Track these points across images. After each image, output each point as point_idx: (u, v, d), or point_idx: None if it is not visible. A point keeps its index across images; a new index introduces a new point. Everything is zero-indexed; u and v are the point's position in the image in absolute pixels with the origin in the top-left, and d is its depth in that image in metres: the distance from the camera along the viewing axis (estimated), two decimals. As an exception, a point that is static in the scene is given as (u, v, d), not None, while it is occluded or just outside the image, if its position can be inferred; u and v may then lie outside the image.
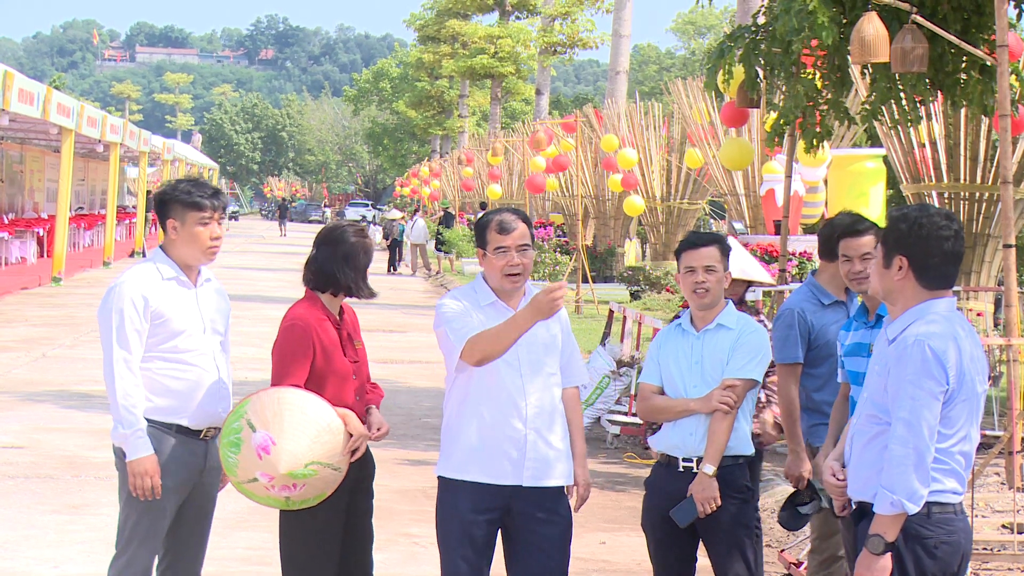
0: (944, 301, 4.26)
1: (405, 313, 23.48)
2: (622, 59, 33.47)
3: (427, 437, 11.50)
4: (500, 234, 4.99)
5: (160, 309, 5.11)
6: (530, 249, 5.04)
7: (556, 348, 5.11)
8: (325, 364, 5.13)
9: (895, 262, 4.25)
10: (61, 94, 27.07)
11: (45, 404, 12.31)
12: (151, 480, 5.01)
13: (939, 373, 4.12)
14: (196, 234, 5.18)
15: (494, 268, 5.01)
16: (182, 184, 5.24)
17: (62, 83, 56.11)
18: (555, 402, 5.09)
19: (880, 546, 4.16)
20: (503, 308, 5.05)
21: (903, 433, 4.13)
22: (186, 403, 5.14)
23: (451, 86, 66.58)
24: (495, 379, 4.99)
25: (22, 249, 31.55)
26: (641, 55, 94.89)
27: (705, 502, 5.14)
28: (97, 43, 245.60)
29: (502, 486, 4.99)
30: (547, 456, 5.03)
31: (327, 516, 5.16)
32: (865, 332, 5.48)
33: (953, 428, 4.19)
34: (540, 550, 5.02)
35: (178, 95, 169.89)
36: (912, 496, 4.11)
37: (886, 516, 4.15)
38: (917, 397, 4.12)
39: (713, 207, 37.78)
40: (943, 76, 8.75)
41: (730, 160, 12.19)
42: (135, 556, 5.12)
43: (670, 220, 28.21)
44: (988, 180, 13.50)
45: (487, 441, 4.99)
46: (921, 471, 4.11)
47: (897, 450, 4.14)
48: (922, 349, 4.12)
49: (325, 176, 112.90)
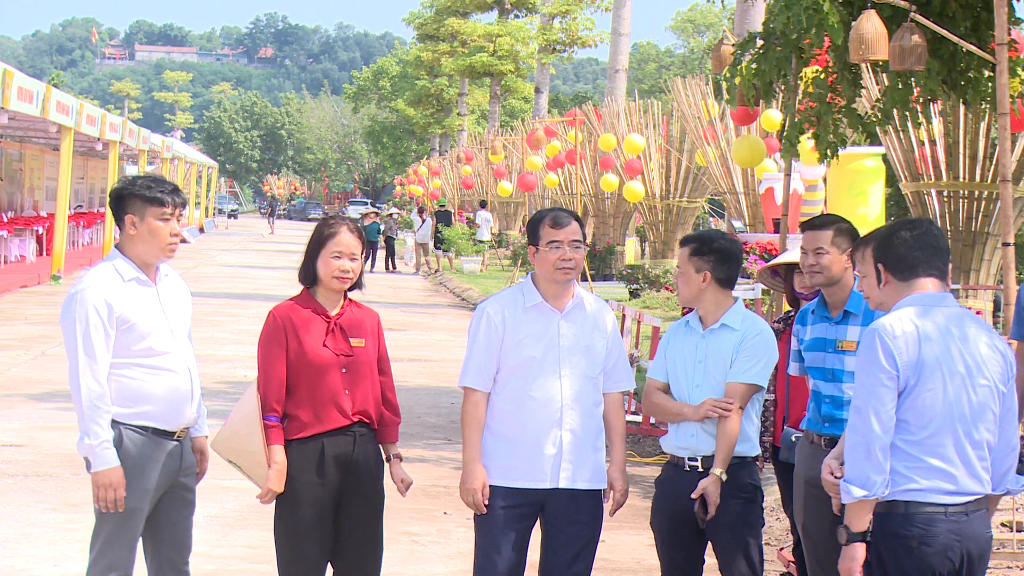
0: (921, 295, 4.27)
1: (405, 312, 23.48)
2: (621, 57, 33.46)
3: (427, 436, 11.51)
4: (553, 228, 5.12)
5: (125, 314, 5.02)
6: (582, 247, 5.14)
7: (596, 350, 5.18)
8: (300, 353, 5.18)
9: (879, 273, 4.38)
10: (60, 92, 27.06)
11: (45, 402, 12.30)
12: (115, 492, 4.97)
13: (888, 362, 4.14)
14: (156, 230, 5.08)
15: (547, 262, 5.10)
16: (140, 180, 5.16)
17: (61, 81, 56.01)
18: (593, 405, 5.17)
19: (845, 536, 4.20)
20: (548, 310, 5.14)
21: (854, 420, 4.19)
22: (158, 405, 5.08)
23: (450, 84, 66.60)
24: (534, 381, 5.08)
25: (21, 247, 31.55)
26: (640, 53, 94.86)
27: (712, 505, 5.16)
28: (96, 41, 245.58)
29: (535, 489, 5.09)
30: (582, 459, 5.12)
31: (310, 513, 5.19)
32: (828, 327, 5.52)
33: (923, 419, 4.16)
34: (566, 550, 5.10)
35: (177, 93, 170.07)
36: (865, 483, 4.13)
37: (848, 505, 4.20)
38: (866, 384, 4.18)
39: (712, 205, 37.79)
40: (956, 75, 8.75)
41: (742, 158, 12.21)
42: (116, 558, 5.09)
43: (669, 218, 28.21)
44: (987, 178, 13.52)
45: (524, 443, 5.08)
46: (871, 459, 4.12)
47: (849, 438, 4.22)
48: (873, 338, 4.18)
49: (324, 174, 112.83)
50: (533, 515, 5.16)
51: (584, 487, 5.14)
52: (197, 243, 47.32)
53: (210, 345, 16.53)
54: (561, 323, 5.14)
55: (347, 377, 5.23)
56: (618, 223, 31.49)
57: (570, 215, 5.19)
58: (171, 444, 5.15)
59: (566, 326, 5.14)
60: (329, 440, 5.19)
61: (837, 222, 5.69)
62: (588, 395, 5.16)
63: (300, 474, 5.16)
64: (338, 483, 5.22)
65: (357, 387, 5.26)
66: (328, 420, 5.19)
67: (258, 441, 5.11)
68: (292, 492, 5.17)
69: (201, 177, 64.93)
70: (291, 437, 5.18)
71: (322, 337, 5.21)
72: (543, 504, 5.12)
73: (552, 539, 5.14)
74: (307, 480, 5.16)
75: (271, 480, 5.12)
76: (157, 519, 5.20)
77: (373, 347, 5.35)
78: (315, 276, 5.27)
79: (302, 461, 5.16)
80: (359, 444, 5.27)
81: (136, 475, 5.04)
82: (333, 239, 5.23)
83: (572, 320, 5.17)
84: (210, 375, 13.47)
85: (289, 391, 5.20)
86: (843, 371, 5.46)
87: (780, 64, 8.94)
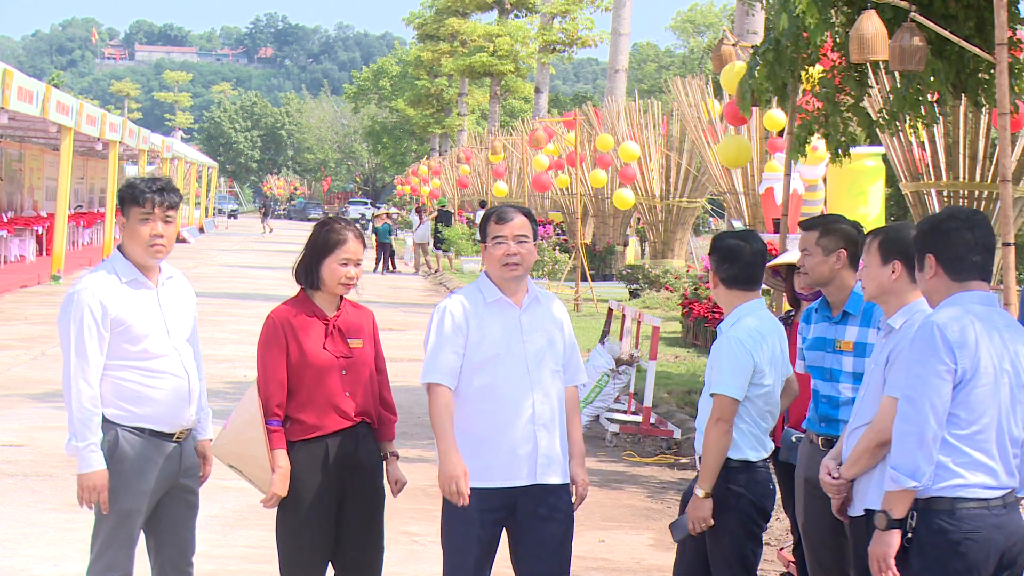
0: (973, 294, 4.32)
1: (405, 312, 23.47)
2: (621, 57, 33.46)
3: (426, 435, 11.50)
4: (498, 223, 5.08)
5: (120, 316, 5.01)
6: (529, 241, 5.08)
7: (557, 347, 5.15)
8: (300, 356, 5.16)
9: (925, 261, 4.36)
10: (60, 92, 27.04)
11: (45, 402, 12.29)
12: (99, 495, 4.97)
13: (947, 355, 4.15)
14: (137, 231, 5.07)
15: (493, 258, 5.06)
16: (136, 180, 5.15)
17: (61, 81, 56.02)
18: (559, 400, 5.15)
19: (884, 521, 4.20)
20: (507, 305, 5.10)
21: (907, 410, 4.18)
22: (155, 407, 5.07)
23: (450, 84, 66.58)
24: (502, 377, 5.04)
25: (21, 247, 31.55)
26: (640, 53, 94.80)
27: (696, 522, 5.14)
28: (96, 41, 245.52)
29: (511, 488, 5.04)
30: (553, 454, 5.09)
31: (313, 515, 5.17)
32: (828, 326, 5.52)
33: (974, 415, 4.19)
34: (543, 547, 5.06)
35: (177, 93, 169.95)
36: (914, 473, 4.14)
37: (890, 492, 4.20)
38: (920, 375, 4.17)
39: (712, 205, 37.78)
40: (965, 77, 8.73)
41: (728, 158, 12.17)
42: (115, 559, 5.10)
43: (669, 218, 28.20)
44: (987, 178, 13.51)
45: (498, 442, 5.03)
46: (924, 449, 4.14)
47: (900, 427, 4.20)
48: (931, 331, 4.18)
49: (324, 174, 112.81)
50: (504, 519, 5.10)
51: (557, 481, 5.10)
52: (197, 243, 47.33)
53: (210, 345, 16.51)
54: (522, 318, 5.12)
55: (347, 379, 5.22)
56: (618, 223, 31.48)
57: (518, 210, 5.13)
58: (170, 446, 5.14)
59: (527, 320, 5.12)
60: (333, 441, 5.19)
61: (826, 223, 5.66)
62: (555, 389, 5.13)
63: (304, 475, 5.14)
64: (341, 483, 5.21)
65: (358, 388, 5.26)
66: (331, 422, 5.19)
67: (261, 445, 5.10)
68: (296, 493, 5.16)
69: (201, 177, 64.90)
70: (295, 439, 5.17)
71: (321, 340, 5.20)
72: (515, 505, 5.06)
73: (525, 539, 5.08)
74: (311, 482, 5.15)
75: (275, 485, 5.10)
76: (158, 520, 5.20)
77: (371, 347, 5.35)
78: (317, 280, 5.26)
79: (306, 462, 5.15)
80: (362, 444, 5.27)
81: (133, 476, 5.03)
82: (342, 246, 5.21)
83: (531, 314, 5.14)
84: (210, 375, 13.37)
85: (290, 394, 5.18)
86: (840, 371, 5.45)
87: (792, 65, 8.95)
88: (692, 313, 18.23)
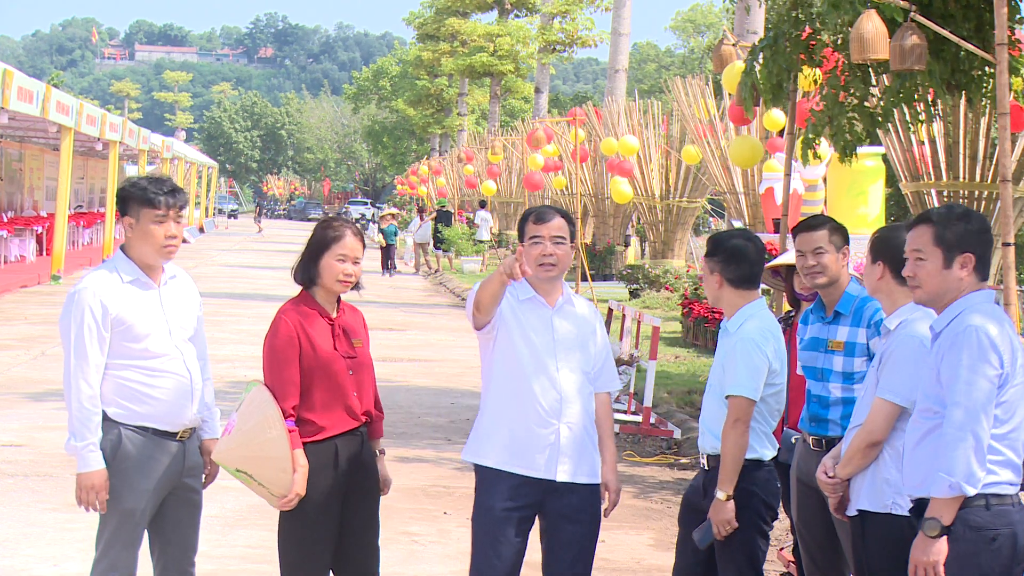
0: (990, 292, 4.36)
1: (405, 312, 23.48)
2: (621, 57, 33.45)
3: (427, 435, 11.50)
4: (536, 223, 5.12)
5: (121, 315, 5.02)
6: (566, 243, 5.13)
7: (588, 348, 5.20)
8: (313, 358, 5.14)
9: (958, 260, 4.31)
10: (60, 92, 27.05)
11: (45, 402, 12.30)
12: (97, 495, 4.97)
13: (994, 358, 4.18)
14: (150, 232, 5.07)
15: (529, 258, 5.07)
16: (141, 181, 5.15)
17: (61, 81, 56.02)
18: (588, 400, 5.18)
19: (936, 529, 4.18)
20: (540, 304, 5.15)
21: (961, 418, 4.17)
22: (158, 407, 5.08)
23: (450, 84, 66.58)
24: (530, 371, 5.07)
25: (21, 247, 31.55)
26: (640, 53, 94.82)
27: (720, 525, 5.14)
28: (96, 41, 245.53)
29: (538, 480, 5.07)
30: (580, 453, 5.13)
31: (319, 515, 5.17)
32: (821, 327, 5.53)
33: (1009, 414, 4.22)
34: (566, 548, 5.11)
35: (177, 93, 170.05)
36: (970, 479, 4.15)
37: (942, 499, 4.18)
38: (973, 382, 4.17)
39: (712, 205, 37.78)
40: (960, 75, 8.73)
41: (740, 158, 12.20)
42: (118, 559, 5.10)
43: (669, 218, 28.19)
44: (987, 178, 13.50)
45: (523, 432, 5.07)
46: (979, 454, 4.16)
47: (954, 434, 4.17)
48: (978, 337, 4.19)
49: (324, 174, 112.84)
50: (532, 516, 5.15)
51: (584, 481, 5.14)
52: (197, 243, 47.33)
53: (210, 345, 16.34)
54: (554, 318, 5.15)
55: (354, 378, 5.25)
56: (618, 223, 31.48)
57: (556, 211, 5.17)
58: (173, 445, 5.14)
59: (559, 321, 5.16)
60: (342, 441, 5.20)
61: (829, 221, 5.71)
62: (585, 390, 5.17)
63: (313, 476, 5.13)
64: (346, 483, 5.22)
65: (363, 387, 5.29)
66: (341, 422, 5.20)
67: (284, 446, 5.05)
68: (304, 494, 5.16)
69: (201, 177, 64.92)
70: (306, 440, 5.15)
71: (330, 340, 5.21)
72: (542, 503, 5.11)
73: (552, 539, 5.14)
74: (320, 483, 5.15)
75: (297, 484, 5.08)
76: (162, 519, 5.20)
77: (367, 346, 5.40)
78: (315, 277, 5.26)
79: (316, 463, 5.14)
80: (365, 444, 5.31)
81: (135, 475, 5.04)
82: (338, 242, 5.21)
83: (564, 316, 5.18)
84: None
85: (302, 395, 5.16)
86: (831, 371, 5.47)
87: (790, 64, 8.94)
88: (692, 313, 18.24)
